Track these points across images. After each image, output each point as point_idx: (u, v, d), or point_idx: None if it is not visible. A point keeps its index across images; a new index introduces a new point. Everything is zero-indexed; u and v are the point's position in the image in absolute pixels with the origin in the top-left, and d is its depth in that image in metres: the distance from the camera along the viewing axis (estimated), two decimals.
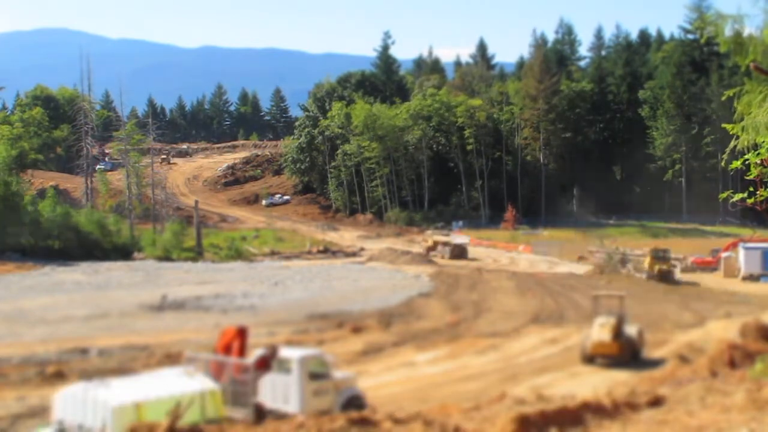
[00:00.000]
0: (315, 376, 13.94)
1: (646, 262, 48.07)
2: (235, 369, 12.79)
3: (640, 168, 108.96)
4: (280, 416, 12.53)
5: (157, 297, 35.47)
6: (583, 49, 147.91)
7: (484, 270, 53.56)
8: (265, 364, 13.11)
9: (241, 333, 13.46)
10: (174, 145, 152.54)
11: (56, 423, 12.00)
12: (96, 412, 11.46)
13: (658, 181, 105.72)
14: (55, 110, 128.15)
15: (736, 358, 16.08)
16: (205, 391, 12.07)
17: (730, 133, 13.04)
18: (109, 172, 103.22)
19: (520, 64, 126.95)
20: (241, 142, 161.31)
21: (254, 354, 13.37)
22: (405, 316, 31.63)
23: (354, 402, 13.91)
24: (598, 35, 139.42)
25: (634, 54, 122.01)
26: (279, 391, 13.68)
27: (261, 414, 12.70)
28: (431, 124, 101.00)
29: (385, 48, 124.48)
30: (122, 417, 11.16)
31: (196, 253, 64.56)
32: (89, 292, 40.08)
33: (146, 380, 12.85)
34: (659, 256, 47.93)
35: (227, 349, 13.31)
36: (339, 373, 14.72)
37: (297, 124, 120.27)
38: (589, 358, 22.00)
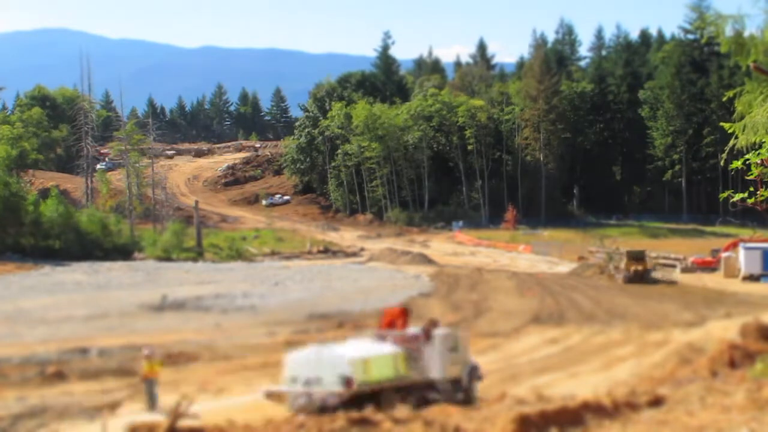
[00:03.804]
0: (451, 350, 15.78)
1: (622, 263, 47.35)
2: (408, 340, 15.21)
3: (640, 168, 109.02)
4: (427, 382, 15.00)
5: (157, 297, 35.47)
6: (584, 49, 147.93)
7: (484, 270, 53.56)
8: (427, 335, 15.48)
9: (404, 312, 16.27)
10: (174, 145, 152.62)
11: (289, 378, 14.42)
12: (331, 367, 13.86)
13: (658, 181, 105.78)
14: (55, 110, 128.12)
15: (736, 358, 16.08)
16: (396, 353, 14.75)
17: (729, 131, 13.06)
18: (109, 172, 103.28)
19: (520, 64, 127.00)
20: (241, 142, 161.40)
21: (412, 329, 15.81)
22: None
23: (474, 372, 16.15)
24: (599, 35, 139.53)
25: (634, 54, 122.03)
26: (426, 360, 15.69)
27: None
28: (431, 125, 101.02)
29: (385, 48, 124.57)
30: (356, 368, 13.75)
31: (197, 253, 64.58)
32: (89, 292, 40.10)
33: (356, 344, 15.43)
34: (635, 256, 47.16)
35: (391, 326, 15.74)
36: (465, 349, 16.81)
37: (297, 124, 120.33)
38: None
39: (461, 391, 15.28)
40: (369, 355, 14.30)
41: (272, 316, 30.83)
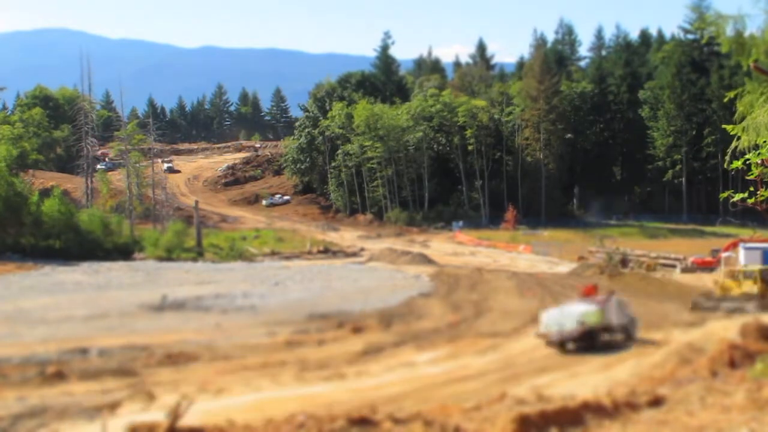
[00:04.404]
0: (619, 308, 23.97)
1: (751, 285, 34.05)
2: (601, 302, 23.40)
3: (640, 168, 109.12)
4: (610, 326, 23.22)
5: (157, 297, 35.42)
6: (583, 50, 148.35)
7: (484, 270, 53.55)
8: (609, 300, 23.90)
9: (596, 287, 25.73)
10: (174, 145, 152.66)
11: (545, 325, 22.99)
12: (571, 317, 22.56)
13: (658, 181, 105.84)
14: (55, 110, 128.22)
15: (736, 358, 16.09)
16: (598, 309, 22.83)
17: (731, 133, 13.06)
18: (109, 172, 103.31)
19: (520, 64, 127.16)
20: (241, 142, 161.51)
21: (601, 297, 24.24)
22: (405, 316, 31.57)
23: (632, 322, 24.29)
24: (598, 35, 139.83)
25: (634, 54, 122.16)
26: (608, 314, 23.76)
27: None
28: (432, 125, 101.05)
29: (385, 48, 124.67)
30: (585, 317, 22.44)
31: (197, 253, 64.59)
32: (89, 292, 40.06)
33: (578, 305, 23.63)
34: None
35: (587, 296, 24.38)
36: (628, 308, 24.99)
37: (297, 124, 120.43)
38: None
39: (625, 332, 23.68)
40: (588, 310, 22.86)
41: (272, 316, 30.78)
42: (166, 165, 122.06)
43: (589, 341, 22.84)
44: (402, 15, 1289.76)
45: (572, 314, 22.98)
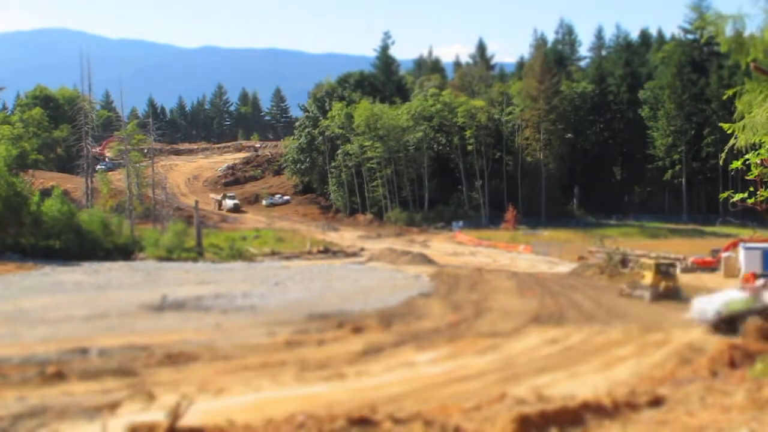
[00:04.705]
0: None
1: (648, 277, 38.79)
2: (755, 289, 26.10)
3: (640, 168, 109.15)
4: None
5: (157, 297, 35.41)
6: (584, 50, 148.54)
7: (484, 270, 53.55)
8: (766, 285, 26.62)
9: (755, 276, 32.73)
10: (174, 145, 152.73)
11: (692, 311, 26.10)
12: (713, 307, 24.91)
13: (658, 181, 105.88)
14: (55, 110, 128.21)
15: (736, 358, 16.10)
16: (748, 297, 25.01)
17: (728, 132, 13.09)
18: (109, 172, 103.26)
19: (520, 64, 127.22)
20: (241, 142, 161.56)
21: (759, 282, 28.14)
22: (405, 316, 31.57)
23: None
24: (599, 35, 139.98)
25: (634, 54, 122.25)
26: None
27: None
28: (432, 125, 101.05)
29: (385, 48, 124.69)
30: (722, 306, 24.73)
31: (197, 253, 64.58)
32: (89, 292, 40.04)
33: (728, 293, 26.26)
34: (665, 270, 38.97)
35: (748, 282, 27.74)
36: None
37: (297, 124, 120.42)
38: None
39: None
40: (729, 299, 25.30)
41: (272, 316, 30.76)
42: (231, 202, 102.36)
43: (732, 327, 25.07)
44: (402, 15, 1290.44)
45: (715, 303, 25.71)
